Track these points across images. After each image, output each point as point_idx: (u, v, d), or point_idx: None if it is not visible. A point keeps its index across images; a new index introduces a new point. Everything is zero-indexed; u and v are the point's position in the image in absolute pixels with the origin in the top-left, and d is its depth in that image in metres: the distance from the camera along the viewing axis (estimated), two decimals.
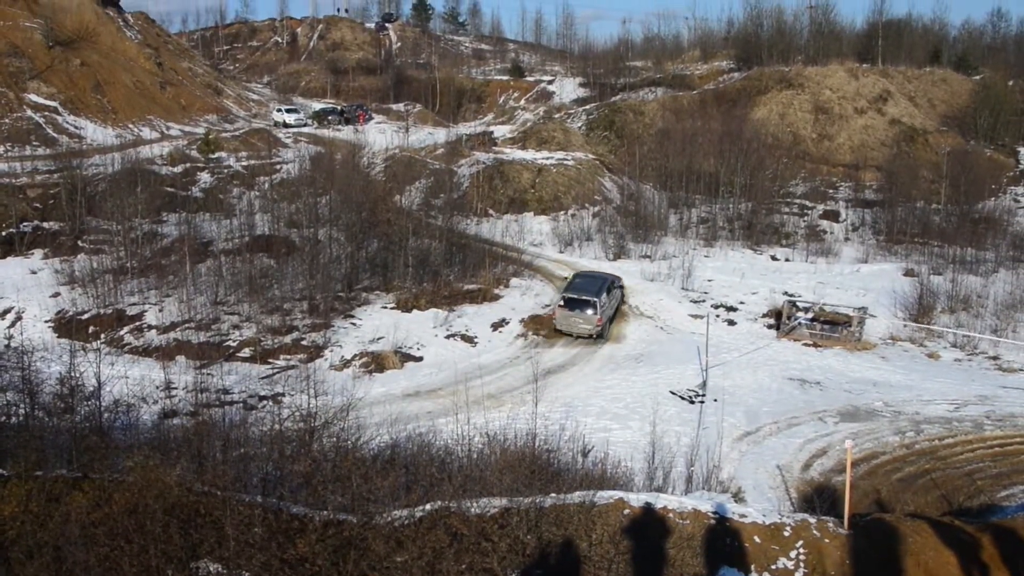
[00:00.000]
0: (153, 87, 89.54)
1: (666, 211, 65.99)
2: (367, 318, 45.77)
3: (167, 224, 57.73)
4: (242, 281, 48.54)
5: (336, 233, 52.63)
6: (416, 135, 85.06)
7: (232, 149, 74.52)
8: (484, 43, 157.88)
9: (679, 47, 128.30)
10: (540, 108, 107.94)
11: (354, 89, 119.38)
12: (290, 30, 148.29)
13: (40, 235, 56.99)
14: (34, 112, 75.89)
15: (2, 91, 76.41)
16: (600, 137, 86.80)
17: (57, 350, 37.35)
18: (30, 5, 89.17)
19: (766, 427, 33.30)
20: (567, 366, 40.39)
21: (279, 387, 36.19)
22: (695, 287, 50.59)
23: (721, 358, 40.11)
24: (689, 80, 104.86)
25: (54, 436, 21.90)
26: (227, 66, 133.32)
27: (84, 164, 61.96)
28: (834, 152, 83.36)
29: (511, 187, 67.65)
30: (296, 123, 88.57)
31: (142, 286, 49.39)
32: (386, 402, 34.52)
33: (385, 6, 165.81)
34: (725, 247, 60.39)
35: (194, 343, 42.41)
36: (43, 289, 49.37)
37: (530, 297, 48.62)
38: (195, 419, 27.29)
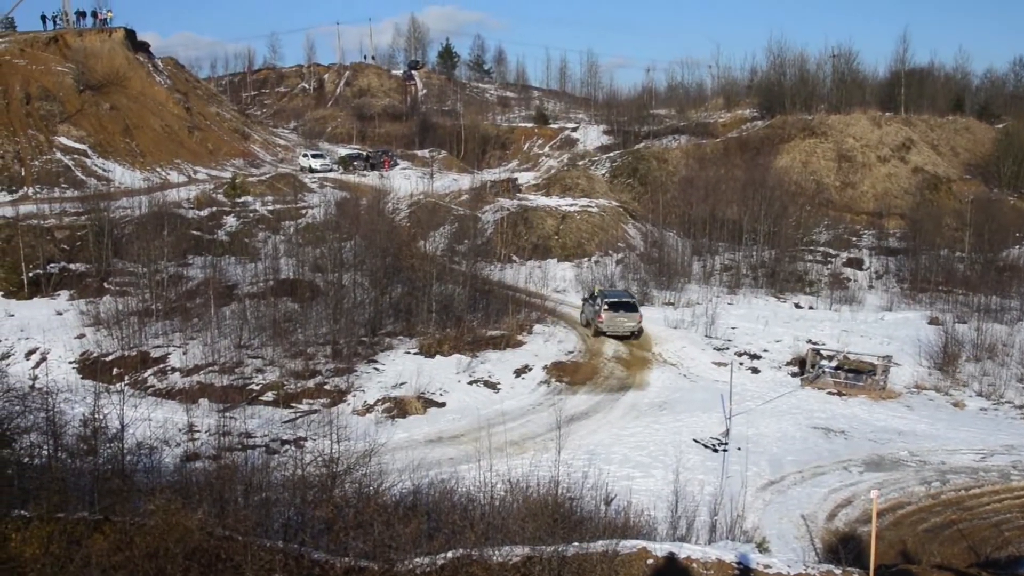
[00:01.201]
0: (181, 131, 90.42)
1: (689, 258, 66.02)
2: (390, 363, 45.81)
3: (192, 267, 58.14)
4: (266, 325, 48.74)
5: (360, 278, 52.82)
6: (441, 181, 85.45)
7: (258, 193, 75.06)
8: (509, 90, 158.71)
9: (702, 95, 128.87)
10: (564, 155, 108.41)
11: (380, 135, 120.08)
12: (317, 76, 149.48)
13: (67, 276, 57.48)
14: (64, 155, 76.77)
15: (33, 134, 77.38)
16: (624, 184, 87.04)
17: (81, 391, 37.63)
18: (62, 50, 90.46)
19: (790, 476, 33.06)
20: (590, 413, 40.25)
21: (301, 431, 36.31)
22: (719, 334, 50.47)
23: (745, 406, 39.92)
24: (712, 128, 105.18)
25: (76, 478, 21.94)
26: (255, 111, 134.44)
27: (112, 206, 62.58)
28: (857, 200, 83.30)
29: (535, 233, 67.83)
30: (322, 168, 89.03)
31: (167, 328, 49.67)
32: (408, 448, 34.47)
33: (411, 53, 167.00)
34: (749, 294, 60.31)
35: (217, 386, 42.58)
36: (68, 330, 49.75)
37: (553, 343, 48.59)
38: (217, 463, 27.30)
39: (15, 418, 24.15)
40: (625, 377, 45.03)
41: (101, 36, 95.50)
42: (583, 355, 47.52)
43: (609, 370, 45.86)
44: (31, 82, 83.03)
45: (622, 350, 48.55)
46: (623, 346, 49.10)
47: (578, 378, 44.62)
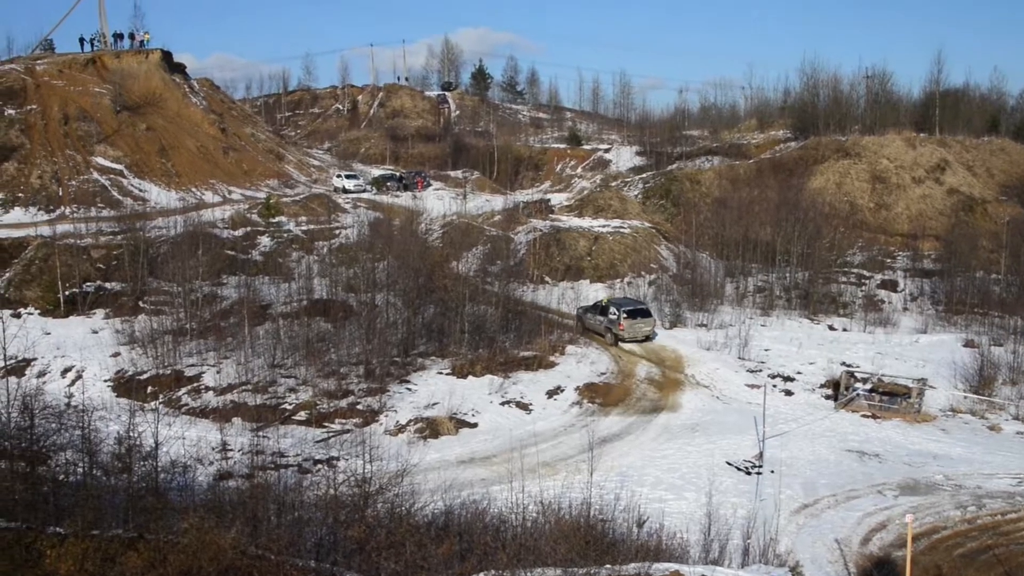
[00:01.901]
0: (216, 152, 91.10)
1: (722, 280, 65.80)
2: (422, 383, 45.90)
3: (227, 286, 58.48)
4: (299, 344, 48.97)
5: (393, 298, 53.00)
6: (474, 202, 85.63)
7: (292, 214, 75.47)
8: (542, 111, 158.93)
9: (736, 116, 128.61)
10: (597, 176, 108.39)
11: (413, 156, 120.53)
12: (351, 98, 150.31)
13: (102, 295, 58.01)
14: (100, 175, 77.50)
15: (71, 154, 78.19)
16: (657, 205, 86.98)
17: (116, 410, 37.76)
18: (100, 71, 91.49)
19: (824, 499, 32.84)
20: (623, 435, 40.14)
21: (334, 451, 36.41)
22: (752, 356, 50.26)
23: (778, 428, 39.70)
24: (746, 149, 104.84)
25: (111, 495, 22.09)
26: (289, 132, 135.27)
27: (147, 226, 63.17)
28: (892, 221, 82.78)
29: (568, 254, 67.82)
30: (355, 189, 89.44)
31: (201, 347, 50.00)
32: (440, 468, 34.52)
33: (445, 74, 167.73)
34: (782, 316, 60.04)
35: (251, 405, 42.71)
36: (104, 349, 50.18)
37: (586, 365, 48.53)
38: (250, 482, 27.42)
39: (51, 435, 24.41)
40: (658, 399, 44.91)
41: (138, 58, 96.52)
42: (615, 376, 47.43)
43: (642, 391, 45.75)
44: (69, 103, 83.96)
45: (655, 372, 48.44)
46: (656, 367, 49.00)
47: (610, 399, 44.53)
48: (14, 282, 58.65)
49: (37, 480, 22.59)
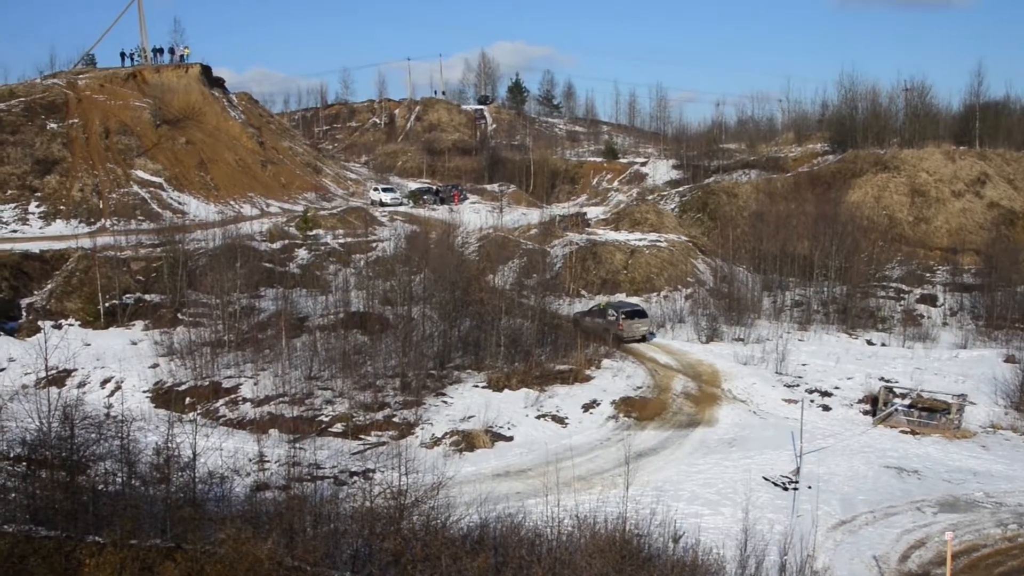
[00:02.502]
0: (255, 165, 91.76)
1: (759, 294, 65.53)
2: (458, 396, 45.96)
3: (264, 299, 58.85)
4: (336, 357, 49.16)
5: (429, 311, 53.12)
6: (510, 215, 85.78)
7: (329, 227, 75.85)
8: (578, 125, 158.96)
9: (773, 129, 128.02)
10: (633, 189, 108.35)
11: (449, 169, 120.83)
12: (388, 111, 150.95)
13: (142, 307, 58.50)
14: (140, 188, 78.28)
15: (111, 167, 79.04)
16: (693, 219, 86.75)
17: (154, 420, 38.19)
18: (140, 85, 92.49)
19: (862, 516, 32.60)
20: (658, 449, 40.02)
21: (370, 463, 36.49)
22: (789, 371, 50.00)
23: (815, 444, 39.44)
24: (783, 162, 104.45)
25: (149, 505, 22.29)
26: (326, 145, 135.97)
27: (186, 239, 63.69)
28: (931, 235, 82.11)
29: (604, 268, 67.81)
30: (392, 202, 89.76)
31: (238, 359, 50.36)
32: (476, 481, 34.52)
33: (481, 88, 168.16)
34: (820, 331, 59.67)
35: (287, 417, 42.97)
36: (143, 360, 50.65)
37: (622, 379, 48.42)
38: (287, 493, 27.54)
39: (91, 446, 24.65)
40: (694, 413, 44.74)
41: (178, 72, 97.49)
42: (652, 391, 47.29)
43: (678, 406, 45.60)
44: (110, 117, 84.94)
45: (691, 386, 48.27)
46: (692, 382, 48.83)
47: (646, 414, 44.40)
48: (55, 293, 59.27)
49: (77, 489, 22.81)
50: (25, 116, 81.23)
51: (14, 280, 60.11)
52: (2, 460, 23.71)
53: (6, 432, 24.69)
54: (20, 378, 47.06)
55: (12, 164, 75.63)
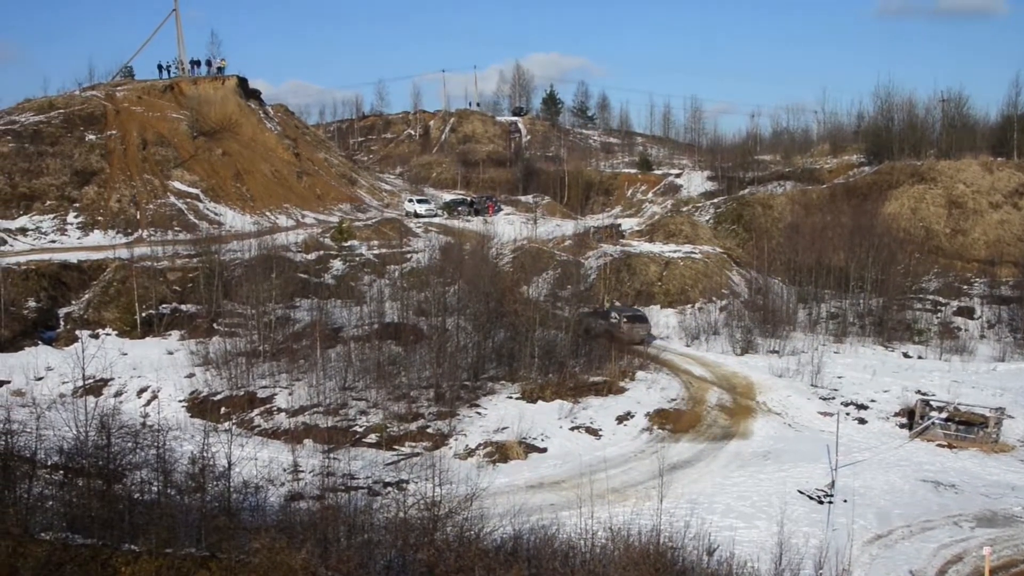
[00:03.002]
0: (290, 176, 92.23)
1: (795, 306, 65.22)
2: (492, 408, 45.97)
3: (299, 309, 59.07)
4: (370, 367, 49.29)
5: (463, 322, 53.19)
6: (544, 227, 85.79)
7: (364, 238, 76.09)
8: (612, 136, 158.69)
9: (808, 141, 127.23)
10: (668, 201, 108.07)
11: (484, 181, 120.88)
12: (423, 123, 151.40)
13: (178, 317, 58.89)
14: (177, 199, 78.87)
15: (148, 178, 79.67)
16: (728, 231, 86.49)
17: (190, 430, 38.51)
18: (177, 97, 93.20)
19: (898, 530, 32.35)
20: (693, 462, 39.88)
21: (404, 474, 36.59)
22: (825, 384, 49.73)
23: (851, 457, 39.20)
24: (818, 174, 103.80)
25: (184, 514, 22.41)
26: (361, 157, 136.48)
27: (222, 249, 64.10)
28: (968, 247, 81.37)
29: (638, 279, 67.72)
30: (427, 213, 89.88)
31: (273, 369, 50.57)
32: (509, 493, 34.53)
33: (516, 100, 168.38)
34: (855, 343, 59.33)
35: (322, 427, 43.15)
36: (179, 369, 50.94)
37: (656, 391, 48.30)
38: (321, 503, 27.65)
39: (127, 454, 24.82)
40: (728, 425, 44.57)
41: (215, 84, 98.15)
42: (686, 403, 47.15)
43: (712, 418, 45.43)
44: (147, 128, 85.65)
45: (726, 398, 48.08)
46: (727, 394, 48.64)
47: (681, 426, 44.28)
48: (93, 303, 59.77)
49: (113, 498, 22.96)
50: (64, 128, 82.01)
51: (52, 290, 60.67)
52: (40, 468, 23.90)
53: (44, 440, 24.88)
54: (58, 387, 47.50)
55: (51, 175, 76.33)
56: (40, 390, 46.66)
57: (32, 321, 57.44)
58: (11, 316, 56.28)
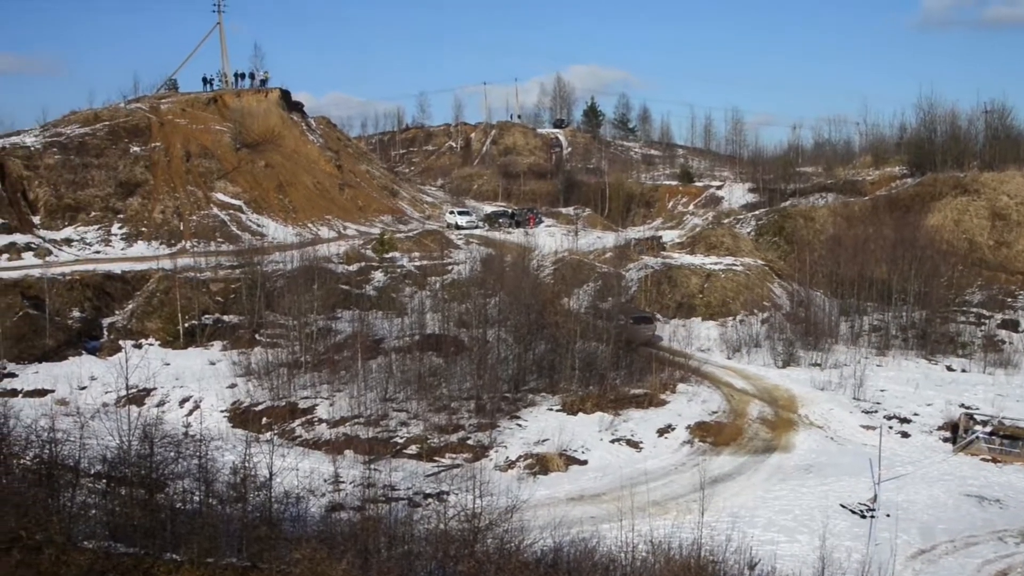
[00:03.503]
0: (332, 188, 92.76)
1: (837, 318, 64.72)
2: (533, 420, 45.96)
3: (341, 320, 59.32)
4: (411, 379, 49.42)
5: (504, 334, 53.22)
6: (585, 239, 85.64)
7: (406, 249, 76.32)
8: (653, 148, 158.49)
9: (850, 153, 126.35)
10: (709, 213, 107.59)
11: (525, 193, 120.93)
12: (464, 135, 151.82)
13: (220, 327, 59.38)
14: (220, 210, 79.55)
15: (192, 190, 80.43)
16: (769, 243, 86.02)
17: (232, 440, 38.72)
18: (221, 110, 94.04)
19: (942, 545, 32.03)
20: (734, 475, 39.68)
21: (444, 485, 36.63)
22: (867, 397, 49.35)
23: (894, 471, 38.85)
24: (861, 186, 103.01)
25: (226, 524, 22.50)
26: (403, 169, 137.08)
27: (264, 261, 64.51)
28: (1012, 260, 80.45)
29: (679, 292, 67.49)
30: (468, 225, 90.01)
31: (315, 380, 50.83)
32: (550, 505, 34.52)
33: (557, 112, 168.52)
34: (898, 356, 58.78)
35: (363, 438, 43.28)
36: (220, 380, 51.31)
37: (697, 403, 48.12)
38: (361, 514, 27.72)
39: (169, 464, 24.99)
40: (770, 439, 44.31)
41: (258, 97, 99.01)
42: (727, 415, 46.93)
43: (753, 431, 45.19)
44: (191, 141, 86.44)
45: (767, 411, 47.81)
46: (768, 407, 48.36)
47: (722, 439, 44.08)
48: (136, 313, 60.36)
49: (155, 507, 23.13)
50: (109, 140, 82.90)
51: (96, 300, 61.36)
52: (83, 477, 24.12)
53: (87, 450, 25.11)
54: (101, 396, 48.06)
55: (96, 187, 77.23)
56: (84, 399, 47.15)
57: (76, 331, 58.10)
58: (56, 326, 56.95)
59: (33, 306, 57.98)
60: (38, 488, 21.45)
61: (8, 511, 17.56)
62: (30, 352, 54.65)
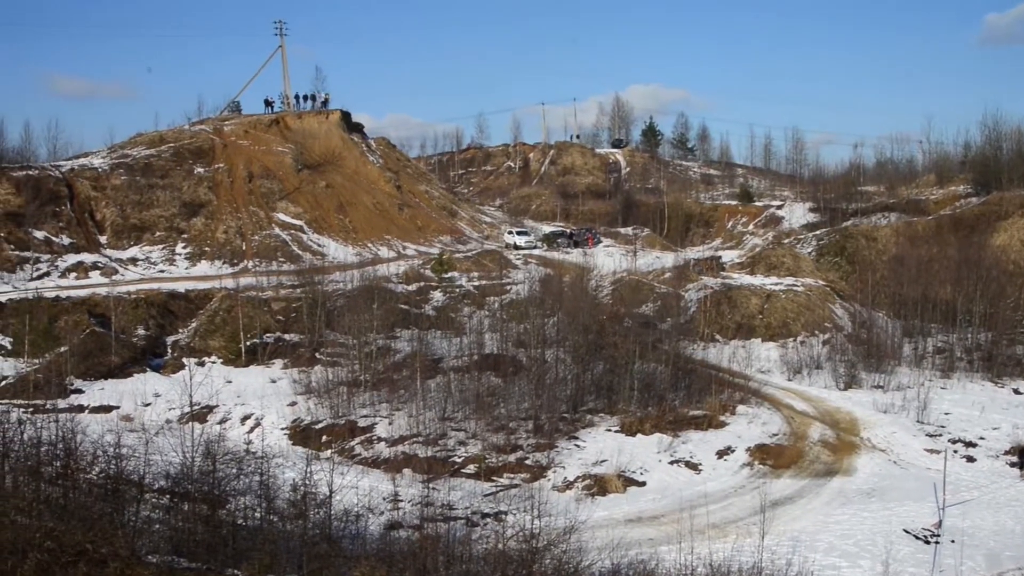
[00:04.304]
0: (392, 208, 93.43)
1: (900, 340, 63.93)
2: (591, 440, 45.83)
3: (400, 340, 59.66)
4: (469, 398, 49.54)
5: (563, 354, 53.15)
6: (644, 259, 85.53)
7: (464, 269, 76.63)
8: (713, 168, 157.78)
9: (913, 171, 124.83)
10: (769, 233, 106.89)
11: (583, 213, 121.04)
12: (523, 155, 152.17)
13: (281, 346, 59.97)
14: (281, 230, 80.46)
15: (254, 210, 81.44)
16: (831, 263, 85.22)
17: (292, 457, 39.06)
18: (283, 131, 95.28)
19: (1009, 573, 31.44)
20: (795, 498, 39.26)
21: (502, 505, 36.57)
22: (931, 420, 48.64)
23: (959, 496, 38.25)
24: (924, 205, 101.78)
25: (286, 541, 22.67)
26: (462, 189, 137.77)
27: (325, 280, 65.11)
28: None
29: (739, 312, 67.03)
30: (526, 245, 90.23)
31: (374, 399, 51.15)
32: (608, 526, 34.31)
33: (615, 132, 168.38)
34: (963, 379, 57.91)
35: (421, 457, 43.41)
36: (281, 398, 51.83)
37: (757, 425, 47.74)
38: (420, 533, 27.79)
39: (231, 480, 25.25)
40: (831, 462, 43.80)
41: (319, 118, 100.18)
42: (787, 438, 46.49)
43: (814, 454, 44.70)
44: (254, 162, 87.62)
45: (828, 434, 47.29)
46: (829, 429, 47.84)
47: (782, 462, 43.65)
48: (199, 332, 61.14)
49: (217, 523, 23.36)
50: (174, 161, 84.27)
51: (161, 318, 62.31)
52: (147, 492, 24.41)
53: (151, 465, 25.43)
54: (165, 413, 48.72)
55: (161, 207, 78.51)
56: (148, 416, 47.89)
57: (141, 348, 59.04)
58: (121, 343, 57.88)
59: (99, 324, 59.06)
60: (104, 502, 21.71)
61: (75, 525, 17.77)
62: (96, 369, 55.60)
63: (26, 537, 15.88)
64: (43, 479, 22.19)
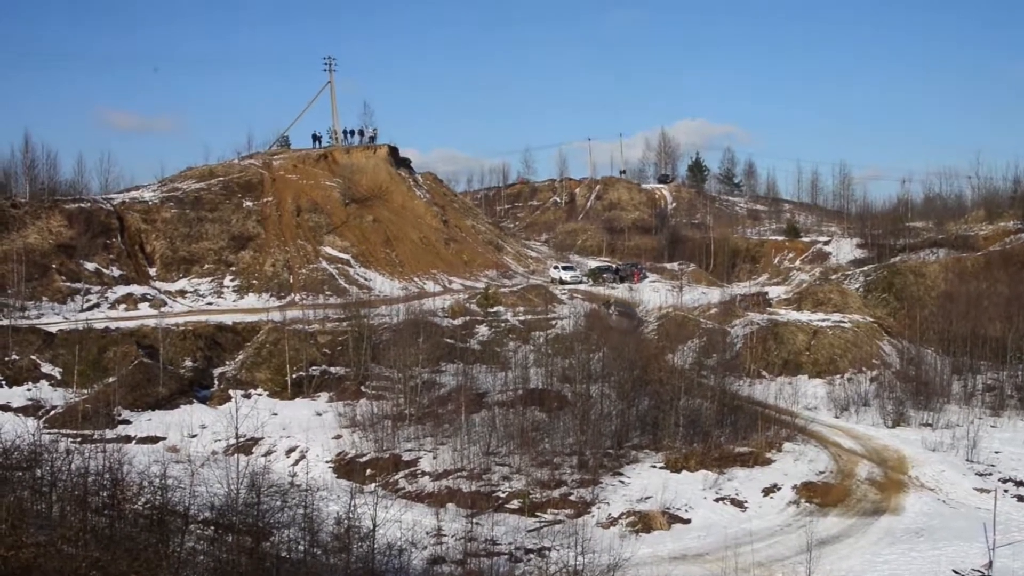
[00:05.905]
0: (438, 243, 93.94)
1: (949, 377, 63.18)
2: (635, 476, 45.61)
3: (445, 374, 59.78)
4: (514, 433, 49.49)
5: (608, 389, 53.02)
6: (690, 294, 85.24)
7: (510, 304, 76.73)
8: (759, 203, 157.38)
9: (962, 207, 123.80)
10: (816, 269, 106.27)
11: (629, 248, 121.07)
12: (569, 190, 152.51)
13: (327, 379, 60.31)
14: (329, 264, 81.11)
15: (302, 244, 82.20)
16: (878, 299, 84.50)
17: (336, 490, 39.16)
18: (331, 166, 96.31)
19: None
20: (842, 537, 38.83)
21: (546, 541, 36.50)
22: (981, 459, 47.98)
23: (1010, 536, 37.59)
24: (973, 241, 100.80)
25: (329, 574, 22.74)
26: (508, 224, 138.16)
27: (371, 313, 65.46)
28: None
29: (785, 348, 66.59)
30: (572, 280, 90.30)
31: (419, 433, 51.28)
32: (652, 564, 34.15)
33: (661, 167, 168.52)
34: (1014, 417, 57.11)
35: (465, 491, 43.38)
36: (326, 430, 52.12)
37: (804, 463, 47.28)
38: (463, 567, 27.80)
39: (275, 513, 25.39)
40: (879, 500, 43.31)
41: (366, 153, 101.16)
42: (834, 476, 46.04)
43: (862, 492, 44.23)
44: (302, 196, 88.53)
45: (876, 472, 46.79)
46: (877, 467, 47.34)
47: (829, 500, 43.21)
48: (246, 364, 61.59)
49: (261, 555, 23.46)
50: (223, 195, 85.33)
51: (208, 350, 62.90)
52: (192, 523, 24.60)
53: (197, 496, 25.64)
54: (211, 444, 49.16)
55: (210, 240, 79.45)
56: (194, 447, 48.30)
57: (188, 380, 59.59)
58: (169, 375, 58.41)
59: (148, 355, 59.68)
60: (149, 533, 21.92)
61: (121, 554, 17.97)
62: (144, 400, 56.12)
63: (72, 567, 16.07)
64: (90, 509, 22.44)
